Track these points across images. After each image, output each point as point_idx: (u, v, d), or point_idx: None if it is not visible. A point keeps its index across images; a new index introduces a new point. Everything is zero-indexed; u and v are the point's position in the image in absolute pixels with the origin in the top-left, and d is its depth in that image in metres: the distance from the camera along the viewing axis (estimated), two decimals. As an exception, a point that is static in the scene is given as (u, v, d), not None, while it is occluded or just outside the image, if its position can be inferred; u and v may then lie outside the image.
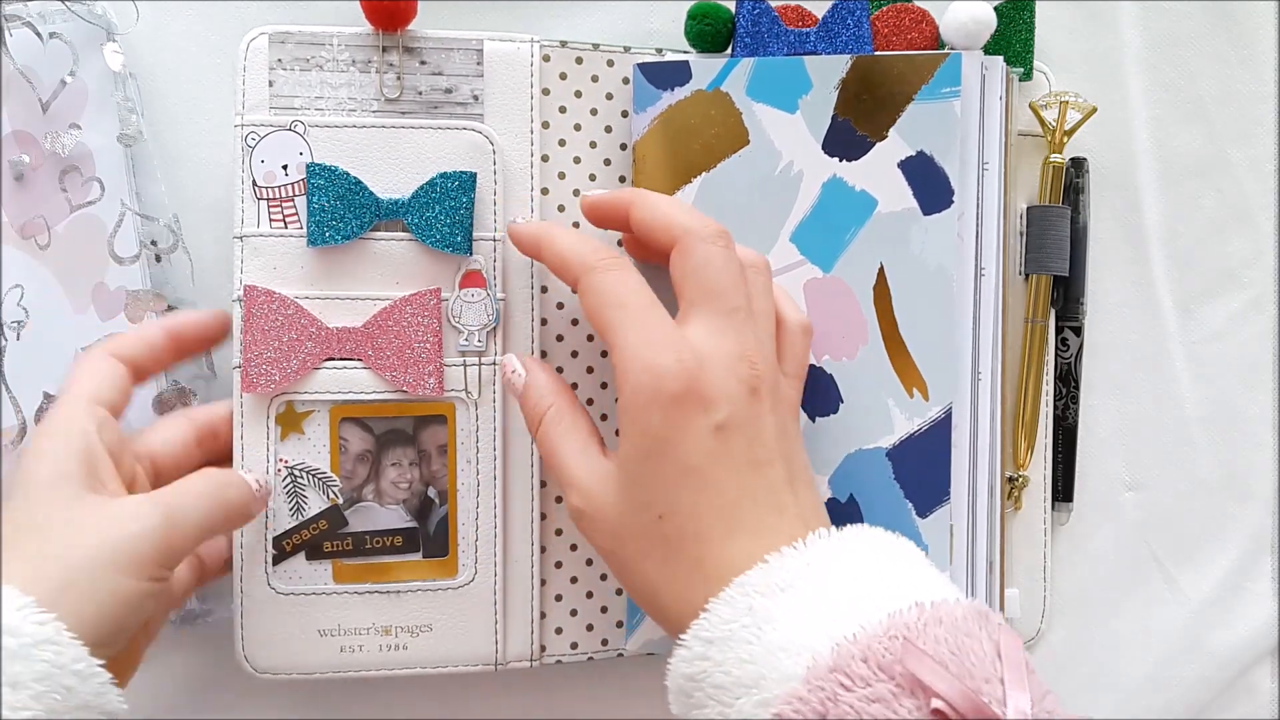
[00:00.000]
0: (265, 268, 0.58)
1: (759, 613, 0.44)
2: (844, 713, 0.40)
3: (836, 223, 0.60)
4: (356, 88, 0.59)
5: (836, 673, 0.41)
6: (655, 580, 0.49)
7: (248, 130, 0.58)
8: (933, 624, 0.42)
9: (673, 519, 0.49)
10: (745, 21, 0.62)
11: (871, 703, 0.40)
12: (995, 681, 0.40)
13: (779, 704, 0.41)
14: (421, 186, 0.59)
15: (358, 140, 0.59)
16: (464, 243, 0.59)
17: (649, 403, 0.49)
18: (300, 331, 0.58)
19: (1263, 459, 0.71)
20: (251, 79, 0.59)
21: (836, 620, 0.43)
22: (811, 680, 0.41)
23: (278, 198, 0.58)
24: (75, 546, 0.47)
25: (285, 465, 0.58)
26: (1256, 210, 0.71)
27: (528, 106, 0.61)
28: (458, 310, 0.59)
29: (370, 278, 0.59)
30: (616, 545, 0.51)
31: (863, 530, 0.49)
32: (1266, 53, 0.70)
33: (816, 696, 0.41)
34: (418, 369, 0.58)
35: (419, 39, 0.60)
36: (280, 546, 0.59)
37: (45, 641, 0.43)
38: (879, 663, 0.40)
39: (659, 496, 0.49)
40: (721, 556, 0.48)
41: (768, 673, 0.43)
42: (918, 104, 0.59)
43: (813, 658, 0.42)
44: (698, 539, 0.48)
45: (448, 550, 0.60)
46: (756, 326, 0.52)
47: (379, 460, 0.59)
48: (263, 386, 0.57)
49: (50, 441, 0.51)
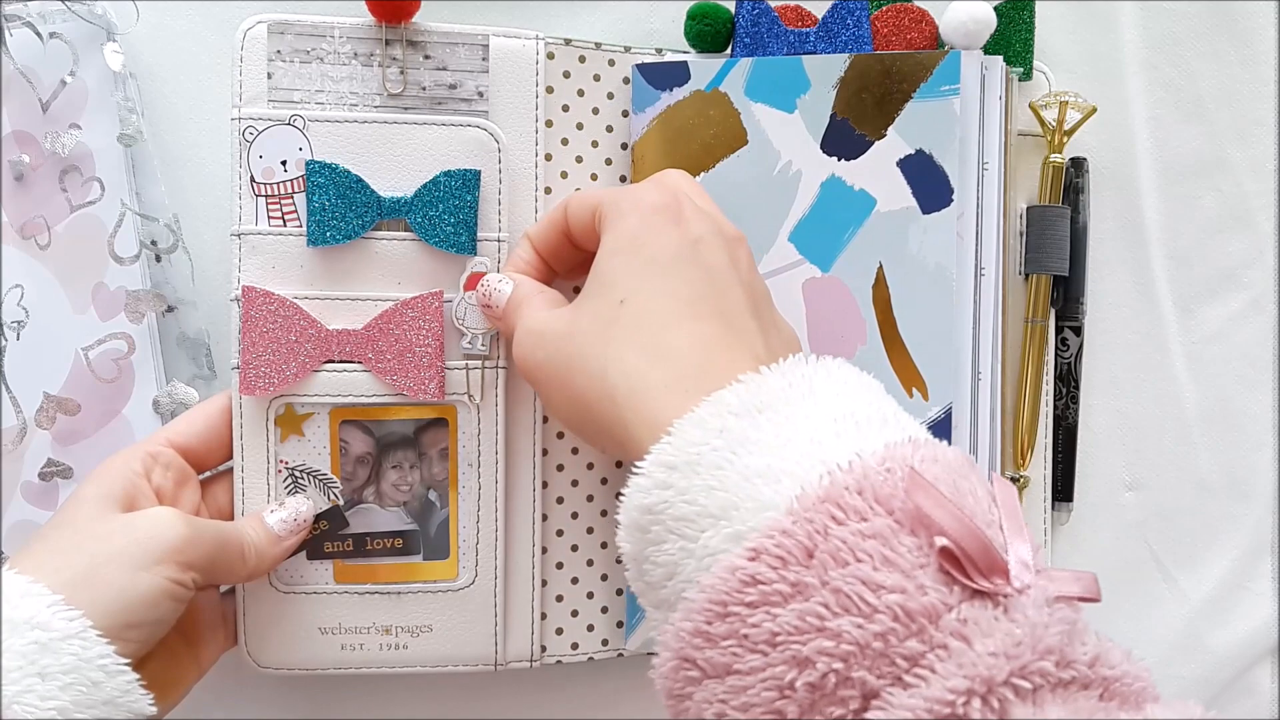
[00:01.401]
0: (264, 266, 0.57)
1: (733, 434, 0.40)
2: (834, 548, 0.36)
3: (835, 222, 0.60)
4: (359, 81, 0.58)
5: (828, 503, 0.37)
6: (610, 371, 0.45)
7: (245, 124, 0.57)
8: (929, 461, 0.38)
9: (635, 300, 0.47)
10: (745, 22, 0.62)
11: (866, 538, 0.36)
12: (995, 528, 0.38)
13: (756, 536, 0.37)
14: (425, 185, 0.58)
15: (359, 136, 0.58)
16: (468, 242, 0.58)
17: (629, 210, 0.49)
18: (299, 333, 0.57)
19: (1262, 459, 0.71)
20: (249, 70, 0.57)
21: (823, 445, 0.39)
22: (798, 511, 0.37)
23: (276, 194, 0.57)
24: (101, 544, 0.49)
25: (285, 466, 0.58)
26: (1256, 210, 0.71)
27: (532, 104, 0.60)
28: (461, 312, 0.58)
29: (371, 278, 0.58)
30: (564, 343, 0.48)
31: (840, 361, 0.45)
32: (1266, 52, 0.70)
33: (803, 529, 0.36)
34: (419, 373, 0.58)
35: (423, 33, 0.59)
36: None
37: (72, 636, 0.45)
38: (876, 494, 0.37)
39: (624, 284, 0.48)
40: (678, 343, 0.45)
41: (742, 502, 0.38)
42: (917, 102, 0.59)
43: (800, 486, 0.38)
44: (663, 325, 0.46)
45: (448, 552, 0.60)
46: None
47: (379, 462, 0.59)
48: (261, 389, 0.57)
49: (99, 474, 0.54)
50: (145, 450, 0.55)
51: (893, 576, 0.35)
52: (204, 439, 0.57)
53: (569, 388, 0.48)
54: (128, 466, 0.54)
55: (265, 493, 0.58)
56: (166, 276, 0.62)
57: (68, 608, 0.45)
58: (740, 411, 0.41)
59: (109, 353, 0.61)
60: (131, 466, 0.54)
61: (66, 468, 0.61)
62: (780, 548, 0.36)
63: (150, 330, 0.62)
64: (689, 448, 0.40)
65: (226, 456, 0.58)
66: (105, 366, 0.61)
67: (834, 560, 0.36)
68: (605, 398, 0.45)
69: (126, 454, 0.55)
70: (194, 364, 0.63)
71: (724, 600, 0.37)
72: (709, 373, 0.43)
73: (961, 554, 0.35)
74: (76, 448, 0.61)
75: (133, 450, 0.55)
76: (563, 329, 0.49)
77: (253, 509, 0.57)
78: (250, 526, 0.55)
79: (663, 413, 0.42)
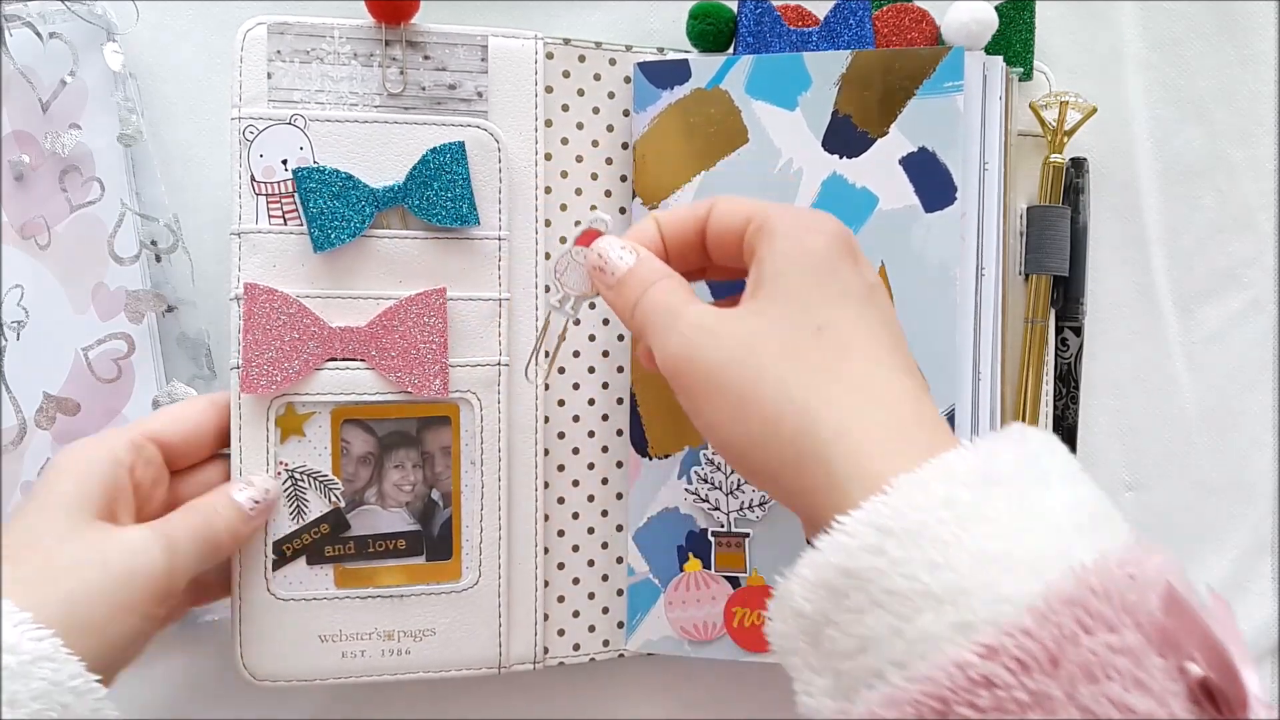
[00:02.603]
0: (265, 265, 0.57)
1: (962, 507, 0.36)
2: (1084, 660, 0.32)
3: (837, 220, 0.60)
4: (358, 81, 0.58)
5: (1075, 606, 0.33)
6: (813, 402, 0.40)
7: (245, 123, 0.57)
8: (1170, 571, 0.34)
9: (835, 331, 0.42)
10: (747, 21, 0.62)
11: (1117, 653, 0.32)
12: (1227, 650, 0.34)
13: (992, 632, 0.33)
14: (414, 166, 0.58)
15: (359, 135, 0.58)
16: (469, 212, 0.58)
17: (813, 230, 0.45)
18: (302, 331, 0.57)
19: (1262, 459, 0.71)
20: (249, 70, 0.57)
21: (1064, 537, 0.35)
22: (1043, 610, 0.33)
23: (277, 193, 0.57)
24: (77, 577, 0.47)
25: (285, 468, 0.58)
26: (1256, 210, 0.71)
27: (531, 104, 0.61)
28: (563, 267, 0.52)
29: (373, 276, 0.58)
30: (748, 352, 0.42)
31: (1053, 436, 0.41)
32: (1266, 53, 0.70)
33: (1049, 633, 0.32)
34: (423, 370, 0.58)
35: (423, 33, 0.59)
36: (280, 551, 0.57)
37: (43, 659, 0.43)
38: (1123, 602, 0.33)
39: (819, 310, 0.43)
40: (889, 390, 0.41)
41: (974, 588, 0.34)
42: (920, 99, 0.59)
43: (1044, 582, 0.33)
44: (872, 366, 0.42)
45: (451, 553, 0.59)
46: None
47: (382, 462, 0.59)
48: (263, 388, 0.56)
49: (79, 462, 0.51)
50: (129, 439, 0.53)
51: (1146, 701, 0.32)
52: (185, 437, 0.56)
53: (750, 404, 0.42)
54: (112, 457, 0.51)
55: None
56: (166, 276, 0.62)
57: (36, 626, 0.43)
58: (969, 482, 0.36)
59: (109, 353, 0.61)
60: (117, 456, 0.51)
61: (66, 468, 0.61)
62: (1022, 649, 0.32)
63: (150, 330, 0.62)
64: (910, 512, 0.36)
65: (203, 457, 0.57)
66: (105, 366, 0.61)
67: (1083, 674, 0.32)
68: (804, 432, 0.40)
69: (110, 443, 0.52)
70: (194, 364, 0.62)
71: (945, 698, 0.33)
72: (923, 429, 0.40)
73: (1215, 684, 0.32)
74: (76, 448, 0.61)
75: (115, 439, 0.52)
76: (745, 335, 0.43)
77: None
78: (220, 508, 0.54)
79: (878, 465, 0.38)
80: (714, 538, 0.61)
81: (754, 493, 0.61)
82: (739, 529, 0.61)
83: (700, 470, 0.61)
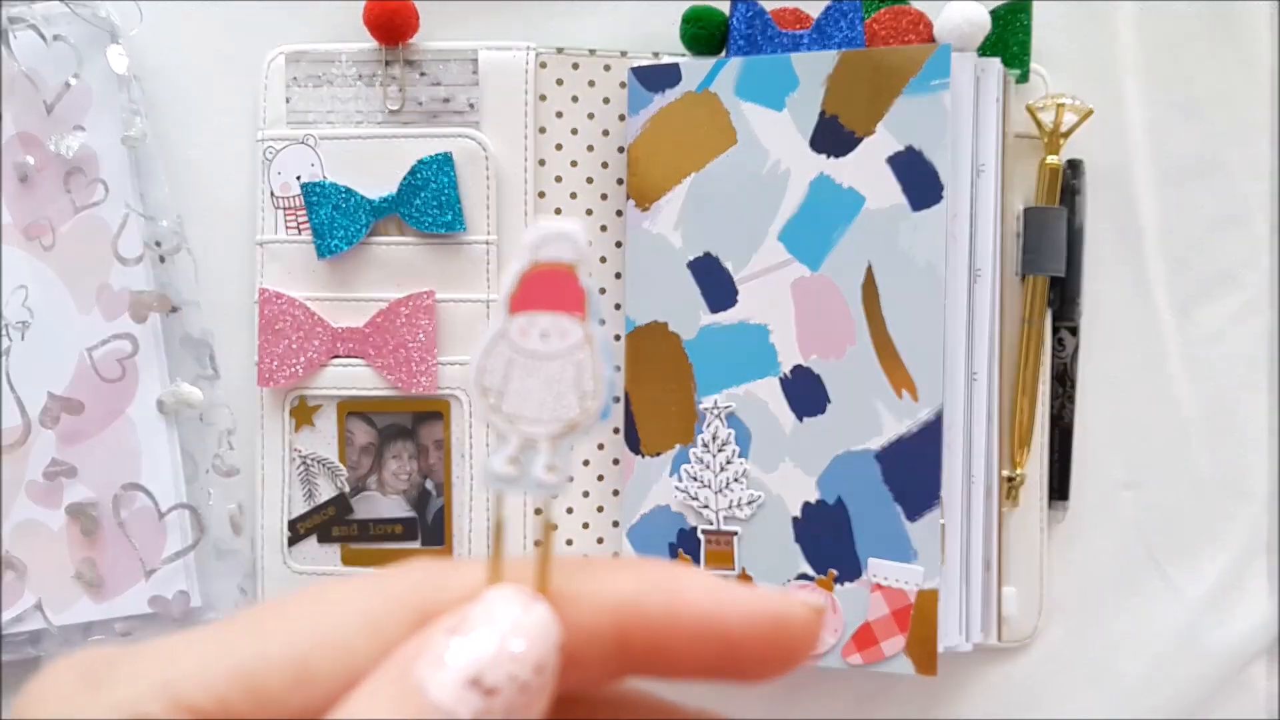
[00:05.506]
0: (281, 271, 0.62)
1: None
2: None
3: (824, 221, 0.60)
4: (363, 100, 0.63)
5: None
6: None
7: (266, 144, 0.62)
8: None
9: None
10: (739, 24, 0.63)
11: None
12: None
13: None
14: (404, 177, 0.61)
15: (361, 150, 0.62)
16: (455, 220, 0.62)
17: None
18: (309, 331, 0.62)
19: (1259, 458, 0.71)
20: (271, 96, 0.62)
21: None
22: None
23: (293, 206, 0.62)
24: None
25: (299, 454, 0.62)
26: (1253, 211, 0.70)
27: (522, 112, 0.63)
28: (499, 364, 0.42)
29: (373, 280, 0.62)
30: None
31: None
32: (1263, 54, 0.70)
33: None
34: (413, 366, 0.61)
35: (419, 52, 0.63)
36: (295, 529, 0.63)
37: None
38: None
39: None
40: None
41: None
42: (906, 97, 0.59)
43: None
44: None
45: (444, 540, 0.63)
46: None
47: (381, 452, 0.63)
48: (276, 382, 0.61)
49: None
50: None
51: None
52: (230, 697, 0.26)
53: None
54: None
55: (282, 481, 0.62)
56: (170, 277, 0.63)
57: None
58: None
59: (113, 353, 0.62)
60: None
61: (70, 467, 0.62)
62: None
63: (154, 330, 0.63)
64: None
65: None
66: (109, 366, 0.62)
67: None
68: None
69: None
70: (197, 364, 0.63)
71: None
72: None
73: None
74: (80, 448, 0.62)
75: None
76: None
77: (271, 498, 0.62)
78: None
79: None
80: (703, 535, 0.62)
81: (742, 491, 0.61)
82: (728, 527, 0.62)
83: (690, 468, 0.62)
